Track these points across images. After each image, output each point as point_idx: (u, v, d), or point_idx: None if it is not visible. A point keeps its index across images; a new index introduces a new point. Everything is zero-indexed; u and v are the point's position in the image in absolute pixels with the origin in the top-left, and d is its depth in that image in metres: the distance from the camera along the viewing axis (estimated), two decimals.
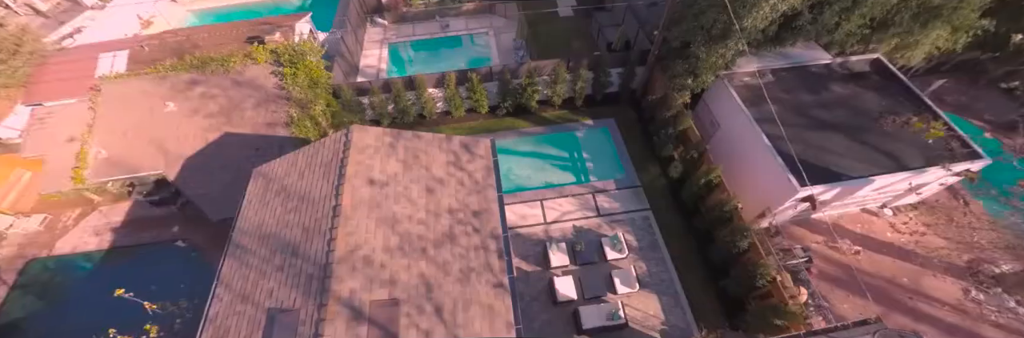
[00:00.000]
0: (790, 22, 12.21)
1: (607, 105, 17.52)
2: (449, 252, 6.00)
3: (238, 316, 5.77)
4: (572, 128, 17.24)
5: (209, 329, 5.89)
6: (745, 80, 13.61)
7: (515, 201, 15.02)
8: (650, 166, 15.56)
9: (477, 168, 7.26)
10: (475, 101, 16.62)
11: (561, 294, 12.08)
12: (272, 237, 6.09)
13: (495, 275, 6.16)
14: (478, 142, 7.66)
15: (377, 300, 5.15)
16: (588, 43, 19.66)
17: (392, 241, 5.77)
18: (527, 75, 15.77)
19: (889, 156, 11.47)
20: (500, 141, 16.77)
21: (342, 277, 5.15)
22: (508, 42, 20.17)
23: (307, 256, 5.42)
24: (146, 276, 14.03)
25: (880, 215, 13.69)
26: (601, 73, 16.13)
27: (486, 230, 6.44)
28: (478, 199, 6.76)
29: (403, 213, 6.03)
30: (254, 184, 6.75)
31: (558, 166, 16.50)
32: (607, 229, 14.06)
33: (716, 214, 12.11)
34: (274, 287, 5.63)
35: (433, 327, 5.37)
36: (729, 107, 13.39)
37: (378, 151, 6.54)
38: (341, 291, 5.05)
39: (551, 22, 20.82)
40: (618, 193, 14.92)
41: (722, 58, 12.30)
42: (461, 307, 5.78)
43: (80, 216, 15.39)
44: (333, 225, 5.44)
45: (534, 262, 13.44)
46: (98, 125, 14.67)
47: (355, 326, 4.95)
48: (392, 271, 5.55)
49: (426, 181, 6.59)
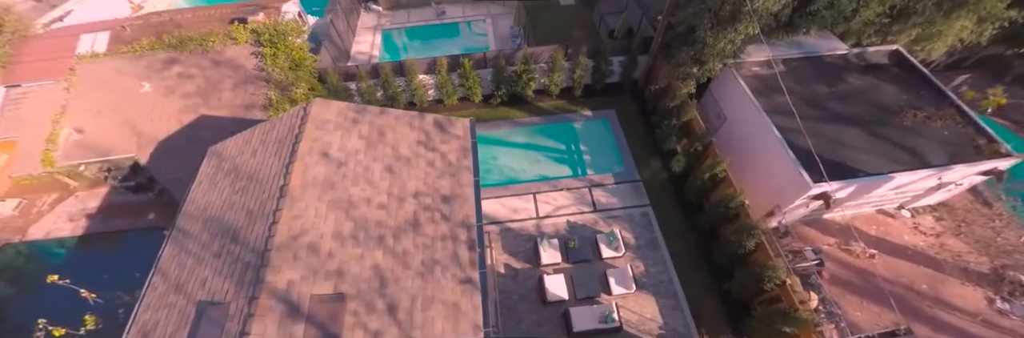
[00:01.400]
0: (804, 6, 11.16)
1: (607, 96, 16.48)
2: (411, 242, 5.23)
3: (169, 308, 5.01)
4: (570, 119, 16.22)
5: (138, 322, 5.22)
6: (755, 70, 12.57)
7: (507, 194, 14.20)
8: (651, 160, 14.54)
9: (451, 149, 6.46)
10: (468, 89, 15.67)
11: (551, 293, 11.14)
12: (215, 221, 5.38)
13: (463, 269, 5.36)
14: (455, 121, 6.87)
15: (320, 294, 4.40)
16: (589, 32, 18.59)
17: (345, 227, 5.00)
18: (523, 62, 14.75)
19: (910, 152, 10.43)
20: (493, 131, 15.87)
21: (280, 267, 4.40)
22: (506, 30, 19.20)
23: (246, 242, 4.71)
24: (124, 263, 13.48)
25: (897, 216, 12.55)
26: (601, 61, 15.11)
27: (457, 218, 5.66)
28: (450, 183, 5.97)
29: (361, 196, 5.28)
30: (207, 163, 6.07)
31: (554, 159, 15.48)
32: (603, 225, 13.04)
33: (721, 211, 11.12)
34: (209, 276, 4.90)
35: (384, 328, 4.58)
36: (737, 98, 12.35)
37: (338, 127, 5.77)
38: (277, 283, 4.31)
39: (551, 10, 19.83)
40: (616, 188, 14.00)
41: (731, 44, 11.27)
42: (420, 305, 4.95)
43: (56, 201, 14.83)
44: (277, 207, 4.70)
45: (524, 259, 12.46)
46: (72, 106, 13.96)
47: (290, 324, 4.21)
48: (341, 261, 4.79)
49: (391, 161, 5.80)
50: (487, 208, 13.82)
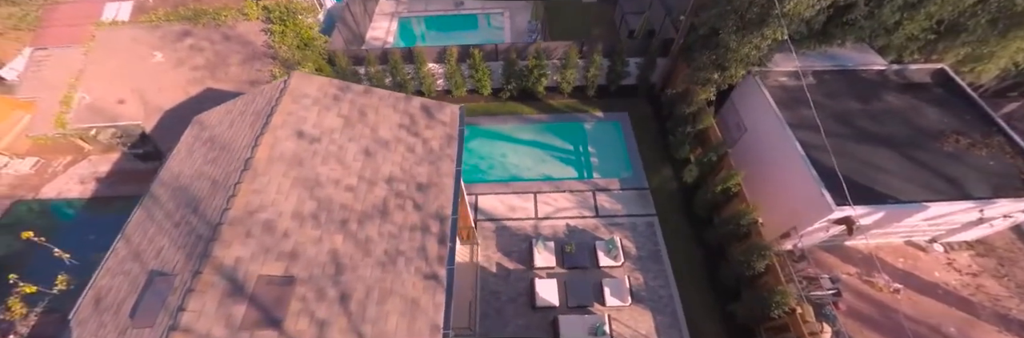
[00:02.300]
0: (841, 15, 10.35)
1: (621, 97, 15.83)
2: (376, 229, 4.95)
3: (124, 275, 4.85)
4: (580, 119, 15.63)
5: (95, 287, 5.16)
6: (781, 80, 11.77)
7: (507, 191, 13.78)
8: (662, 167, 13.82)
9: (436, 135, 6.15)
10: (478, 81, 15.23)
11: (541, 298, 10.58)
12: (183, 190, 5.24)
13: (430, 264, 5.05)
14: (443, 106, 6.54)
15: (268, 275, 4.18)
16: (609, 30, 18.01)
17: (307, 207, 4.75)
18: (535, 56, 14.25)
19: (949, 181, 9.52)
20: (500, 126, 15.40)
21: (230, 242, 4.18)
22: (523, 24, 18.72)
23: (204, 214, 4.54)
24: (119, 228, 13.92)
25: (928, 250, 11.48)
26: (617, 61, 14.47)
27: (431, 208, 5.37)
28: (429, 171, 5.68)
29: (329, 176, 5.03)
30: (189, 132, 5.98)
31: (559, 158, 14.86)
32: (604, 232, 12.37)
33: (731, 227, 10.40)
34: (165, 246, 4.75)
35: (333, 318, 4.29)
36: (760, 109, 11.55)
37: (317, 102, 5.55)
38: (224, 258, 4.10)
39: (571, 6, 19.39)
40: (622, 194, 13.37)
41: (756, 49, 10.50)
42: (376, 298, 4.60)
43: (70, 163, 15.28)
44: (239, 180, 4.52)
45: (517, 259, 11.86)
46: (87, 71, 14.12)
47: (230, 303, 4.00)
48: (297, 242, 4.52)
49: (368, 142, 5.52)
50: (484, 204, 13.36)
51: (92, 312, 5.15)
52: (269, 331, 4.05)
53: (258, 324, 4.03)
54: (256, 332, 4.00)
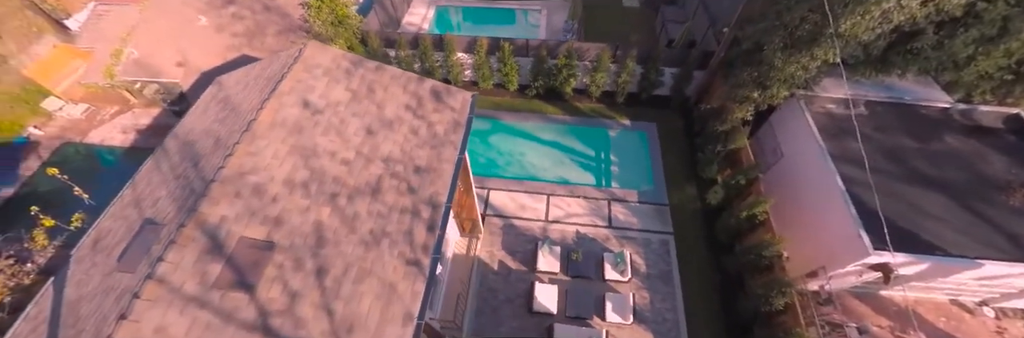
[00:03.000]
0: (905, 42, 9.58)
1: (652, 107, 15.29)
2: (365, 207, 4.88)
3: (123, 220, 4.96)
4: (605, 125, 15.16)
5: (98, 229, 5.41)
6: (828, 107, 11.05)
7: (520, 189, 13.46)
8: (686, 185, 13.21)
9: (442, 120, 6.03)
10: (505, 75, 15.04)
11: (539, 303, 10.26)
12: (190, 145, 5.37)
13: (414, 250, 4.91)
14: (455, 92, 6.40)
15: (249, 238, 4.21)
16: (647, 37, 17.59)
17: (299, 175, 4.72)
18: (565, 55, 13.92)
19: (1011, 239, 8.60)
20: (522, 123, 15.14)
21: (217, 199, 4.20)
22: (560, 23, 18.45)
23: (202, 170, 4.60)
24: None
25: (977, 313, 10.35)
26: (651, 69, 13.98)
27: (425, 193, 5.28)
28: (429, 155, 5.59)
29: (326, 147, 5.00)
30: (208, 91, 6.13)
31: (578, 163, 14.43)
32: (614, 244, 11.84)
33: (753, 257, 9.73)
34: (162, 197, 4.86)
35: (305, 290, 4.17)
36: (801, 135, 10.85)
37: (328, 73, 5.55)
38: (209, 215, 4.11)
39: (612, 10, 19.08)
40: (639, 207, 12.78)
41: (803, 70, 9.76)
42: (353, 276, 4.56)
43: (116, 113, 16.25)
44: (238, 140, 4.60)
45: (520, 260, 11.52)
46: (138, 29, 14.81)
47: (208, 260, 4.02)
48: (283, 209, 4.43)
49: (371, 119, 5.45)
50: (495, 200, 13.12)
51: (89, 251, 5.35)
52: (240, 293, 4.06)
53: (231, 285, 4.05)
54: (228, 292, 4.02)
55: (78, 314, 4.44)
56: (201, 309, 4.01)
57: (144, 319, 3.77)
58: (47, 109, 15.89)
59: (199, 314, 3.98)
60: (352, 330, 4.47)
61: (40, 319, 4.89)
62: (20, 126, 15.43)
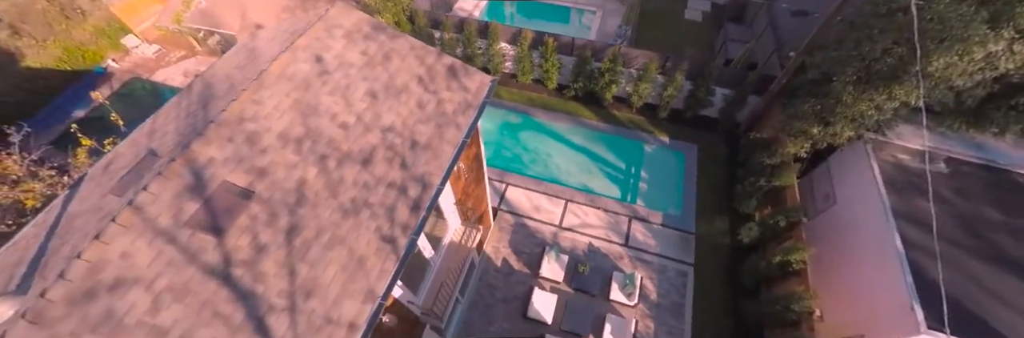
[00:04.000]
0: (1009, 95, 8.37)
1: (695, 128, 14.53)
2: (353, 174, 4.78)
3: (135, 148, 5.15)
4: (641, 138, 14.52)
5: (115, 153, 5.74)
6: (900, 157, 9.88)
7: (538, 189, 13.14)
8: (717, 216, 12.36)
9: (453, 99, 5.77)
10: (545, 71, 14.77)
11: (534, 309, 9.97)
12: (209, 87, 5.56)
13: (393, 227, 4.72)
14: (473, 73, 6.09)
15: (231, 183, 4.27)
16: (704, 54, 16.79)
17: (295, 131, 4.66)
18: (610, 59, 13.48)
19: None
20: (555, 124, 14.81)
21: (211, 140, 4.16)
22: (613, 27, 17.97)
23: (208, 111, 4.69)
24: None
25: None
26: (701, 87, 13.23)
27: (418, 170, 5.14)
28: (432, 133, 5.41)
29: (328, 107, 4.95)
30: (242, 41, 6.39)
31: (605, 173, 13.90)
32: (626, 264, 11.27)
33: (779, 309, 8.82)
34: (170, 131, 5.02)
35: (271, 247, 4.23)
36: (861, 183, 9.77)
37: (347, 35, 5.52)
38: (199, 154, 4.07)
39: (670, 21, 18.52)
40: (661, 230, 12.06)
41: (876, 110, 8.72)
42: (324, 242, 4.52)
43: (182, 57, 17.76)
44: (246, 87, 4.73)
45: (524, 262, 11.27)
46: None
47: (186, 198, 4.07)
48: (271, 161, 4.51)
49: (380, 87, 5.32)
50: (512, 196, 12.96)
51: (100, 172, 5.67)
52: (209, 236, 4.11)
53: (201, 226, 4.11)
54: (197, 233, 4.08)
55: (72, 227, 4.67)
56: (168, 244, 4.06)
57: (114, 243, 3.86)
58: (126, 45, 17.57)
59: (165, 248, 4.04)
60: (310, 296, 4.41)
61: (44, 226, 5.21)
62: (101, 57, 17.14)
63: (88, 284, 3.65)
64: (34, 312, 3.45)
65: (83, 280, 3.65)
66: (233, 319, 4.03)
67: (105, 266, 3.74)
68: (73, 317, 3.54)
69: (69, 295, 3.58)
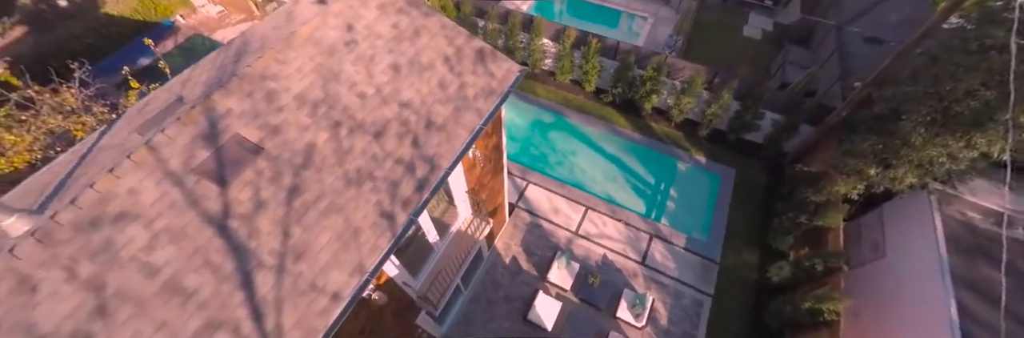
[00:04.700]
0: None
1: (736, 151, 14.02)
2: (363, 144, 4.86)
3: (168, 94, 5.78)
4: (676, 155, 14.17)
5: (150, 96, 6.16)
6: (970, 215, 9.09)
7: (560, 192, 12.95)
8: (746, 248, 11.86)
9: (477, 83, 5.86)
10: (585, 73, 14.71)
11: (535, 313, 10.01)
12: (245, 44, 5.88)
13: (394, 203, 4.88)
14: (502, 60, 6.06)
15: (240, 138, 4.49)
16: (758, 74, 16.25)
17: (312, 94, 4.85)
18: (654, 68, 13.21)
19: None
20: (586, 127, 14.76)
21: (231, 92, 4.52)
22: (663, 36, 17.74)
23: (237, 66, 5.01)
24: None
25: None
26: (749, 109, 12.74)
27: (427, 150, 5.21)
28: (448, 114, 5.48)
29: (349, 75, 5.07)
30: (285, 6, 6.72)
31: (632, 186, 13.69)
32: (640, 283, 11.07)
33: None
34: (201, 82, 5.33)
35: (271, 204, 4.40)
36: (918, 239, 9.09)
37: (381, 7, 5.60)
38: (218, 105, 4.44)
39: (727, 36, 18.04)
40: (684, 254, 11.69)
41: (949, 159, 8.06)
42: (322, 208, 4.63)
43: (241, 20, 19.27)
44: (273, 46, 4.99)
45: (534, 263, 11.34)
46: None
47: (198, 145, 4.33)
48: (285, 121, 4.73)
49: (404, 62, 5.54)
50: (531, 194, 13.07)
51: (136, 112, 6.14)
52: (212, 185, 4.36)
53: (207, 174, 4.37)
54: (202, 180, 4.34)
55: (97, 158, 5.06)
56: (174, 186, 4.34)
57: (125, 178, 4.17)
58: (194, 3, 18.93)
59: (170, 190, 4.32)
60: (300, 259, 4.57)
61: (77, 155, 5.68)
62: (170, 12, 18.71)
63: (95, 213, 3.93)
64: (43, 232, 3.75)
65: (91, 209, 3.94)
66: (222, 269, 4.22)
67: (113, 199, 4.02)
68: (76, 242, 3.83)
69: (76, 221, 3.86)
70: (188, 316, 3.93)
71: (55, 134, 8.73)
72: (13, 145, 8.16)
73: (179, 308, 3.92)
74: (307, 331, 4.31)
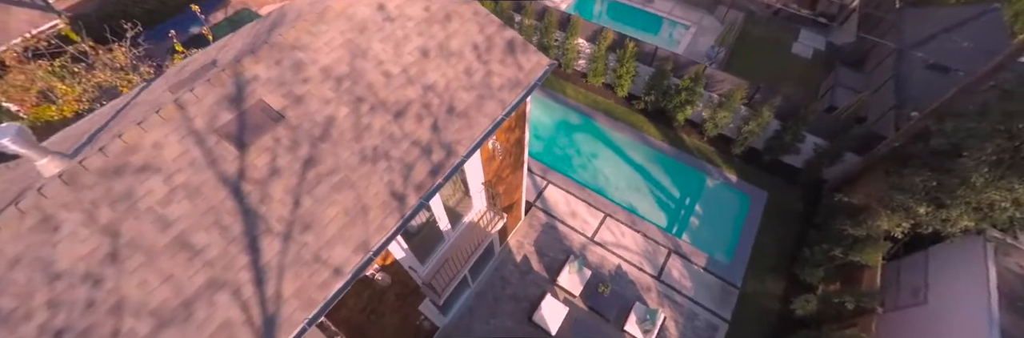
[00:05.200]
0: None
1: (771, 173, 13.62)
2: (382, 123, 5.05)
3: (205, 58, 6.18)
4: (705, 170, 13.88)
5: (191, 58, 6.67)
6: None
7: (580, 196, 12.91)
8: (771, 277, 11.48)
9: (503, 74, 5.97)
10: (618, 77, 14.61)
11: (540, 316, 10.07)
12: (282, 16, 6.14)
13: (406, 185, 5.02)
14: (532, 53, 6.24)
15: (264, 104, 4.62)
16: (804, 94, 15.65)
17: (338, 69, 5.10)
18: (691, 77, 13.01)
19: None
20: (614, 133, 14.73)
21: (260, 59, 4.78)
22: (704, 47, 17.49)
23: (269, 35, 5.24)
24: None
25: None
26: (791, 130, 12.35)
27: (446, 135, 5.30)
28: (471, 101, 5.50)
29: (377, 53, 5.25)
30: None
31: (655, 197, 13.50)
32: (652, 298, 10.97)
33: None
34: (235, 48, 5.62)
35: (285, 173, 4.59)
36: (966, 288, 8.63)
37: None
38: (246, 71, 4.69)
39: (773, 53, 17.57)
40: (702, 274, 11.45)
41: (1014, 205, 7.65)
42: (334, 182, 4.78)
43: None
44: (305, 19, 5.18)
45: (545, 265, 11.42)
46: None
47: (223, 108, 4.54)
48: (308, 92, 4.92)
49: (433, 45, 5.75)
50: (550, 195, 13.14)
51: (175, 72, 6.57)
52: (231, 147, 4.59)
53: (228, 136, 4.59)
54: (221, 141, 4.57)
55: (131, 113, 5.44)
56: (195, 144, 4.60)
57: (151, 131, 4.45)
58: None
59: (192, 148, 4.58)
60: (307, 230, 4.74)
61: (116, 107, 6.10)
62: None
63: (120, 162, 4.21)
64: (70, 175, 4.04)
65: (117, 157, 4.21)
66: (231, 230, 4.41)
67: (138, 150, 4.29)
68: (99, 188, 4.10)
69: (102, 168, 4.15)
70: (193, 272, 4.14)
71: (103, 88, 9.36)
72: (64, 94, 8.81)
73: (186, 263, 4.13)
74: (306, 302, 4.45)
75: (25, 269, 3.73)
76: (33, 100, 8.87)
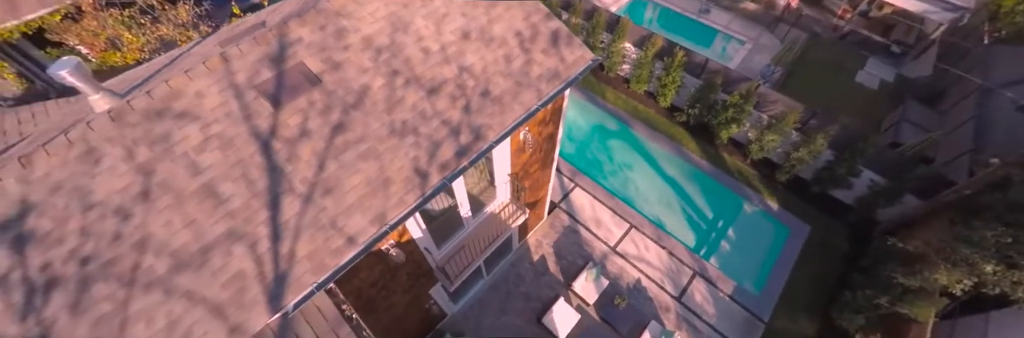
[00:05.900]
0: None
1: (816, 206, 13.07)
2: (413, 99, 5.24)
3: (258, 18, 6.57)
4: (744, 194, 13.49)
5: (241, 20, 7.07)
6: None
7: (607, 202, 12.94)
8: (803, 317, 11.00)
9: (544, 64, 6.03)
10: (663, 86, 14.42)
11: (550, 319, 10.23)
12: None
13: (431, 163, 5.17)
14: (577, 46, 6.29)
15: (303, 66, 4.85)
16: (865, 126, 14.94)
17: (379, 40, 5.30)
18: (741, 94, 12.64)
19: None
20: (651, 143, 14.66)
21: (305, 22, 5.05)
22: (759, 65, 17.03)
23: (321, 1, 5.55)
24: None
25: None
26: (845, 163, 11.78)
27: (477, 119, 5.37)
28: (506, 88, 5.52)
29: (418, 29, 5.50)
30: None
31: (686, 216, 13.29)
32: (670, 319, 10.86)
33: None
34: (285, 12, 5.91)
35: (315, 135, 4.81)
36: None
37: None
38: (291, 32, 4.98)
39: (835, 79, 16.96)
40: (727, 303, 11.19)
41: None
42: (362, 151, 4.94)
43: None
44: None
45: (561, 268, 11.53)
46: None
47: (264, 66, 4.68)
48: (347, 60, 5.11)
49: (474, 28, 5.85)
50: (576, 197, 13.21)
51: (227, 30, 7.05)
52: (266, 104, 4.89)
53: (265, 94, 4.90)
54: (258, 98, 4.88)
55: (182, 64, 5.88)
56: (234, 97, 4.93)
57: (195, 80, 4.81)
58: None
59: (230, 100, 4.91)
60: (328, 194, 4.95)
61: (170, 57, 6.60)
62: None
63: (163, 105, 4.57)
64: (117, 112, 4.43)
65: (161, 101, 4.58)
66: (256, 185, 4.66)
67: (181, 97, 4.65)
68: (140, 127, 4.47)
69: (147, 109, 4.52)
70: (215, 220, 4.40)
71: (164, 41, 10.11)
72: (129, 43, 9.62)
73: (210, 210, 4.40)
74: (317, 266, 4.64)
75: (65, 196, 4.10)
76: (102, 45, 9.71)
